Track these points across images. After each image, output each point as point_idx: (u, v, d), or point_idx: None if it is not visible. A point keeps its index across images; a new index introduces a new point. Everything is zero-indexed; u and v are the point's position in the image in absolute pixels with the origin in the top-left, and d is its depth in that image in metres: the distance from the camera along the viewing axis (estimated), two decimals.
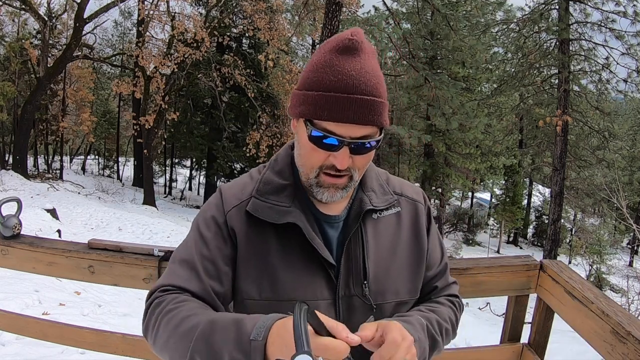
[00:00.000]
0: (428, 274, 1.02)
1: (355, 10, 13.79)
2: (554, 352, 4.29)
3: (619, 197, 9.18)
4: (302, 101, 0.84)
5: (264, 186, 0.93)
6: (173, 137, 23.38)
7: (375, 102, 0.81)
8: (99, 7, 17.48)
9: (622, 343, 1.22)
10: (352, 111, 0.79)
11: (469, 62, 17.32)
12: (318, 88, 0.81)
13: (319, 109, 0.80)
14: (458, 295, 1.09)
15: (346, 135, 0.81)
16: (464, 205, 31.32)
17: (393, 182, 1.04)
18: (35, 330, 1.89)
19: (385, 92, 0.85)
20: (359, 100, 0.79)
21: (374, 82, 0.82)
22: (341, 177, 0.86)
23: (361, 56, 0.82)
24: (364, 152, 0.85)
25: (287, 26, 17.61)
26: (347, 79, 0.80)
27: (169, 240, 10.55)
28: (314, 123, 0.82)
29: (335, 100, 0.79)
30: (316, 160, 0.85)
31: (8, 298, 3.76)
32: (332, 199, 0.89)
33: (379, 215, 0.96)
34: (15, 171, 16.08)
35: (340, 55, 0.82)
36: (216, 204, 0.95)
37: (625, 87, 14.26)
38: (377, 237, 0.95)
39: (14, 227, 1.76)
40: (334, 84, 0.80)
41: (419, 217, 1.01)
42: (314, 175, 0.87)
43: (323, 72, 0.81)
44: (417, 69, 11.76)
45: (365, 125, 0.81)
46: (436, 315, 0.96)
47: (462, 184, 21.32)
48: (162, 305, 0.86)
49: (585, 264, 17.43)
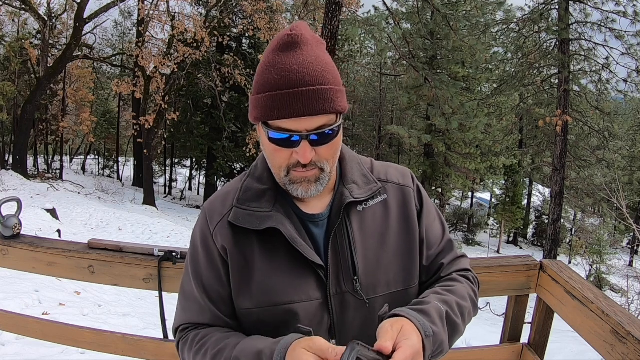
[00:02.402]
0: (430, 252, 1.00)
1: (355, 10, 13.78)
2: (554, 352, 4.29)
3: (619, 197, 9.17)
4: (255, 105, 0.85)
5: (244, 194, 0.94)
6: (173, 137, 23.37)
7: (323, 90, 0.81)
8: (99, 7, 17.50)
9: (622, 343, 1.22)
10: (301, 104, 0.79)
11: (469, 62, 17.32)
12: (265, 90, 0.82)
13: (269, 110, 0.81)
14: (470, 269, 1.05)
15: (302, 129, 0.81)
16: (464, 205, 31.34)
17: (378, 168, 1.02)
18: (35, 330, 1.89)
19: (335, 77, 0.84)
20: (305, 92, 0.79)
21: (319, 70, 0.81)
22: (310, 170, 0.86)
23: (302, 49, 0.82)
24: (325, 142, 0.84)
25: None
26: (290, 74, 0.80)
27: (169, 240, 10.56)
28: (269, 125, 0.83)
29: (281, 98, 0.80)
30: (282, 160, 0.86)
31: (8, 298, 3.76)
32: (308, 193, 0.88)
33: (364, 206, 0.94)
34: (15, 171, 16.09)
35: (282, 52, 0.82)
36: (201, 227, 0.96)
37: (625, 87, 14.27)
38: (364, 229, 0.93)
39: (14, 227, 1.76)
40: (277, 82, 0.80)
41: (408, 200, 0.99)
42: (284, 174, 0.87)
43: (268, 72, 0.82)
44: (417, 69, 11.76)
45: (317, 116, 0.81)
46: (455, 297, 0.92)
47: (462, 184, 21.31)
48: (188, 344, 0.94)
49: (585, 264, 17.44)
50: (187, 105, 21.18)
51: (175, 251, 1.66)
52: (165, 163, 28.54)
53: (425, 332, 0.79)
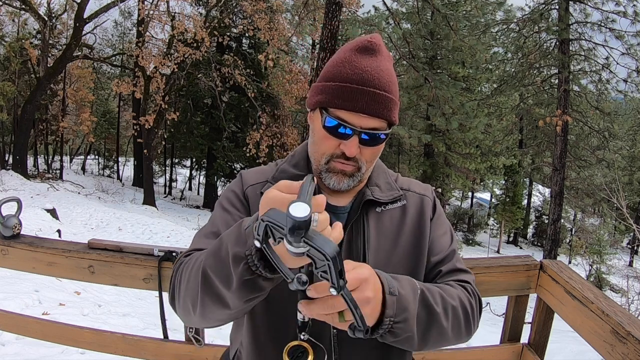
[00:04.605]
0: (433, 259, 1.01)
1: (355, 10, 13.79)
2: (554, 352, 4.29)
3: (619, 197, 9.17)
4: (319, 91, 0.91)
5: (280, 174, 1.00)
6: (173, 137, 23.36)
7: (386, 97, 0.88)
8: (99, 7, 17.51)
9: (622, 343, 1.22)
10: (364, 102, 0.86)
11: (469, 62, 17.31)
12: (335, 79, 0.88)
13: (334, 98, 0.87)
14: (471, 282, 1.01)
15: (357, 125, 0.87)
16: (464, 205, 31.34)
17: (402, 180, 1.09)
18: (35, 330, 1.89)
19: (396, 91, 0.91)
20: (371, 93, 0.86)
21: (387, 79, 0.89)
22: (350, 165, 0.91)
23: (377, 57, 0.89)
24: (372, 144, 0.90)
25: (287, 26, 17.61)
26: (362, 73, 0.87)
27: (169, 240, 10.56)
28: (328, 112, 0.88)
29: (349, 90, 0.86)
30: (327, 148, 0.91)
31: (8, 298, 3.76)
32: (339, 186, 0.93)
33: (383, 208, 1.00)
34: (15, 171, 16.09)
35: (359, 53, 0.89)
36: (236, 183, 1.03)
37: (625, 87, 14.27)
38: (380, 228, 0.98)
39: (14, 227, 1.76)
40: (349, 76, 0.87)
41: (425, 209, 1.04)
42: (324, 162, 0.93)
43: (342, 66, 0.89)
44: (417, 69, 11.76)
45: (375, 117, 0.87)
46: (440, 290, 0.91)
47: (462, 184, 21.32)
48: (182, 265, 0.90)
49: (585, 264, 17.43)
50: (187, 105, 21.17)
51: (175, 251, 1.66)
52: (165, 163, 28.53)
53: (390, 288, 0.79)
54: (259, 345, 0.95)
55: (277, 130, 18.67)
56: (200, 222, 15.04)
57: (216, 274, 0.75)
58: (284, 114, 19.74)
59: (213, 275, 0.75)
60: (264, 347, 0.95)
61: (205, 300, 0.78)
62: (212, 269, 0.75)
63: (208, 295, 0.77)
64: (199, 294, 0.78)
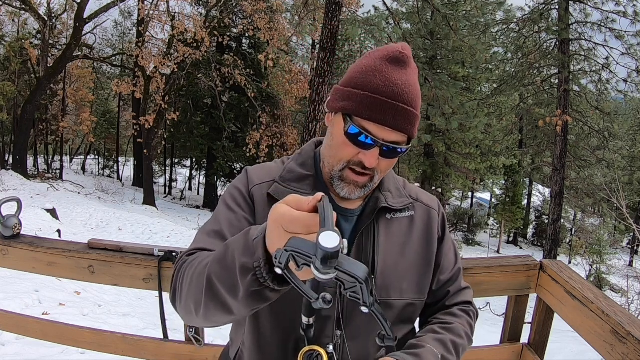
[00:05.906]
0: (441, 277, 1.05)
1: (355, 10, 13.79)
2: (554, 352, 4.29)
3: (619, 197, 9.18)
4: (346, 97, 0.89)
5: (287, 174, 0.99)
6: (173, 137, 23.35)
7: (413, 114, 0.88)
8: (99, 7, 17.49)
9: (622, 343, 1.22)
10: (392, 116, 0.86)
11: (469, 62, 17.30)
12: (364, 88, 0.87)
13: (362, 108, 0.86)
14: (472, 301, 1.11)
15: (380, 137, 0.87)
16: (464, 205, 31.33)
17: (409, 187, 1.09)
18: (35, 330, 1.89)
19: (419, 106, 0.91)
20: (400, 108, 0.86)
21: (415, 95, 0.89)
22: (365, 175, 0.91)
23: (407, 70, 0.89)
24: (391, 157, 0.91)
25: (287, 26, 17.61)
26: (394, 87, 0.86)
27: (169, 240, 10.56)
28: (352, 119, 0.87)
29: (380, 103, 0.85)
30: (346, 155, 0.90)
31: (8, 298, 3.76)
32: (351, 196, 0.93)
33: (393, 216, 1.00)
34: (15, 171, 16.08)
35: (390, 64, 0.88)
36: (241, 180, 1.01)
37: (625, 87, 14.28)
38: (389, 235, 0.99)
39: (14, 227, 1.76)
40: (380, 88, 0.86)
41: (432, 223, 1.05)
42: (339, 169, 0.92)
43: (372, 75, 0.88)
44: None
45: (399, 132, 0.88)
46: (451, 335, 0.98)
47: (462, 184, 21.31)
48: (185, 264, 0.88)
49: (585, 264, 17.43)
50: (187, 105, 21.15)
51: (175, 251, 1.66)
52: (165, 163, 28.51)
53: None
54: (262, 345, 0.96)
55: (277, 130, 18.66)
56: (200, 222, 15.04)
57: (222, 282, 0.74)
58: (284, 114, 19.74)
59: (219, 283, 0.75)
60: (267, 347, 0.95)
61: (209, 306, 0.78)
62: (218, 276, 0.75)
63: (213, 302, 0.77)
64: (203, 299, 0.78)
